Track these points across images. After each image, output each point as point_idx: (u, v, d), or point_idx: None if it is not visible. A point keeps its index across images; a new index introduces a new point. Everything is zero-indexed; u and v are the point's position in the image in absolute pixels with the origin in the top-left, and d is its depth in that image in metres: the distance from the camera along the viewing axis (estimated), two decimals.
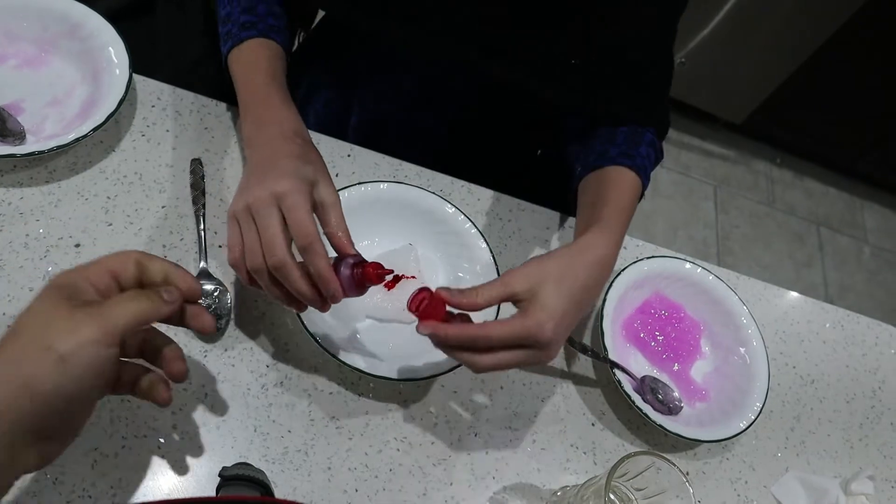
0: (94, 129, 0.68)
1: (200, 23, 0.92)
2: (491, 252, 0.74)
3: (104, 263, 0.45)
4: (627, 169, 0.69)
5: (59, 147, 0.65)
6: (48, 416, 0.39)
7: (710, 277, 0.82)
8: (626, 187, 0.68)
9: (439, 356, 0.65)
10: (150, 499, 0.56)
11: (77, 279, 0.43)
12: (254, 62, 0.66)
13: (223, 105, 0.79)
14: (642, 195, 0.71)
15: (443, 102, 0.85)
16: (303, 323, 0.62)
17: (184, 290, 0.47)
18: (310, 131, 0.67)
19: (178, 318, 0.48)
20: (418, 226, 0.76)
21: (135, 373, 0.48)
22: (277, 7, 0.71)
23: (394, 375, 0.63)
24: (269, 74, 0.65)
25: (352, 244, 0.56)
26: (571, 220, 0.86)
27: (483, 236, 0.75)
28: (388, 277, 0.57)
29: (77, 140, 0.66)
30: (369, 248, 0.74)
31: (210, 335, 0.64)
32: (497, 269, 0.73)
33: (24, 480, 0.54)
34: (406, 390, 0.68)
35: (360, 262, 0.55)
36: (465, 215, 0.75)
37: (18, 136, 0.68)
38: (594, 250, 0.59)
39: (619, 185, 0.68)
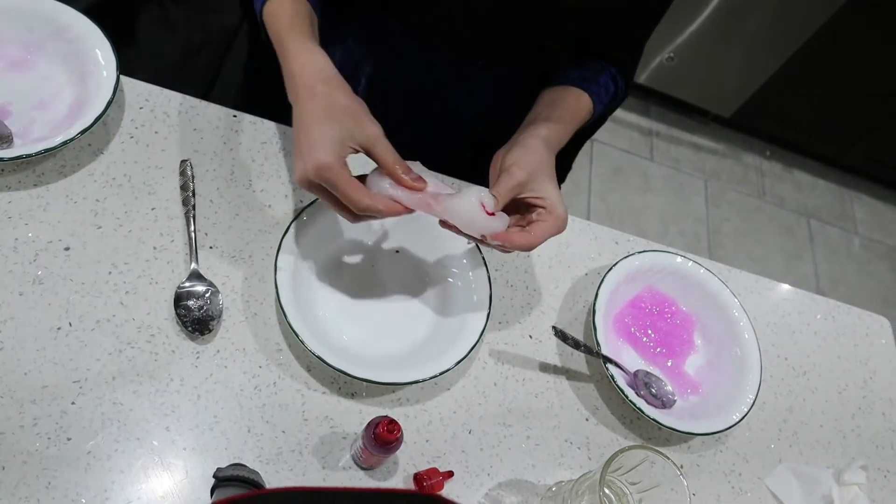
0: (82, 132, 0.67)
1: (181, 18, 0.92)
2: (484, 260, 0.74)
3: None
4: (583, 91, 0.77)
5: (46, 150, 0.65)
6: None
7: (702, 271, 0.82)
8: (580, 105, 0.77)
9: (435, 358, 0.66)
10: (144, 502, 0.56)
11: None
12: (276, 14, 0.68)
13: (212, 106, 0.78)
14: (595, 114, 0.80)
15: (453, 94, 0.85)
16: (297, 336, 0.63)
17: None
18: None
19: None
20: (413, 232, 0.75)
21: None
22: None
23: (384, 379, 0.63)
24: (288, 24, 0.66)
25: (407, 172, 0.60)
26: None
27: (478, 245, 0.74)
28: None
29: (65, 143, 0.66)
30: (362, 248, 0.74)
31: (202, 336, 0.64)
32: (488, 275, 0.72)
33: (16, 485, 0.54)
34: (399, 389, 0.68)
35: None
36: None
37: (6, 139, 0.67)
38: (552, 143, 0.70)
39: (574, 100, 0.77)
